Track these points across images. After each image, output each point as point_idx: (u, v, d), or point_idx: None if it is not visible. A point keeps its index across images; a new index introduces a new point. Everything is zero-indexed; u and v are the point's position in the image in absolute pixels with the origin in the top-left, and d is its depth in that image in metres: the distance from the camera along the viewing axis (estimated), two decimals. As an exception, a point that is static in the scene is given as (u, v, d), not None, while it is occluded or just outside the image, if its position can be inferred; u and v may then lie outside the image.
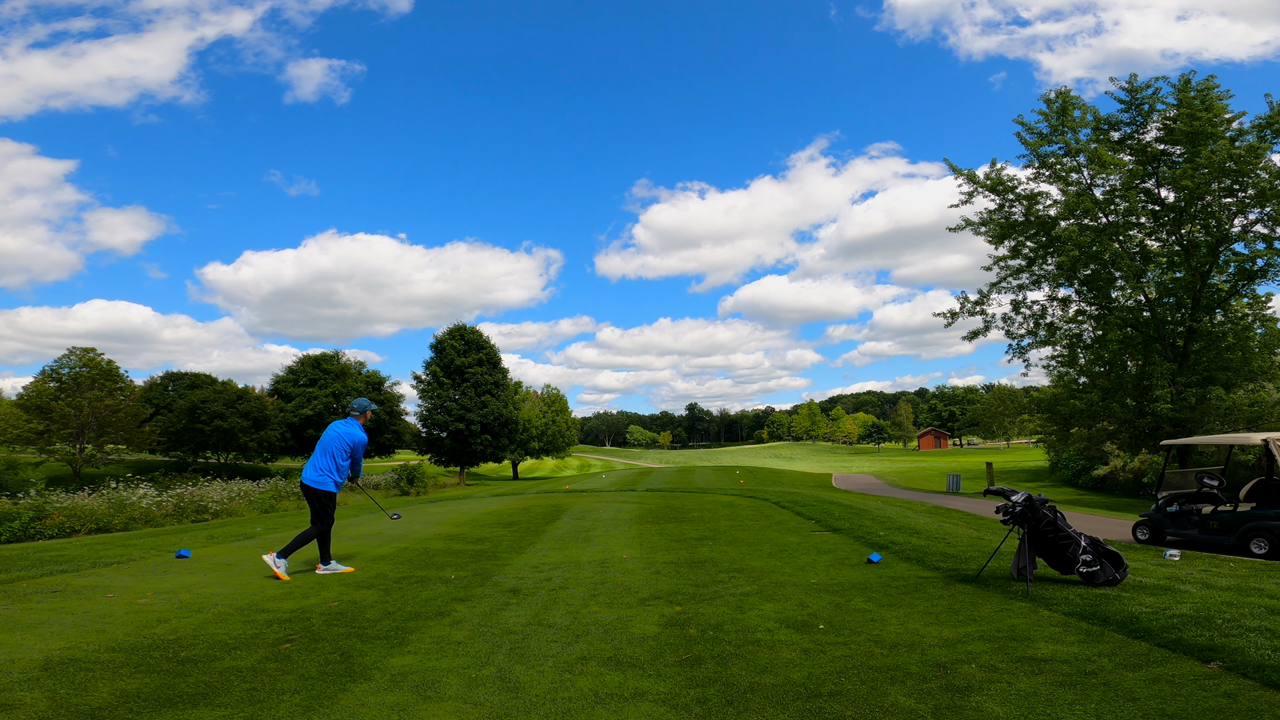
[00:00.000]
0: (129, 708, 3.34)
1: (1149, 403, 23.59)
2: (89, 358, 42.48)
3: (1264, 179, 21.39)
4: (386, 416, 53.48)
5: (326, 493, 6.96)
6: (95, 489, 21.12)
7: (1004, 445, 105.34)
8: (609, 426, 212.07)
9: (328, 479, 6.96)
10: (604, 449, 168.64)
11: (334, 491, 7.02)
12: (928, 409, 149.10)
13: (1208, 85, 22.53)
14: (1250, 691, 3.23)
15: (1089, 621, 4.57)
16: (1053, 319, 26.81)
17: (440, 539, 9.48)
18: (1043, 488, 32.85)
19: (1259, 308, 24.34)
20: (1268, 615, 4.51)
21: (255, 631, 4.73)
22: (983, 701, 3.26)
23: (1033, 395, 31.04)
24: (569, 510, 14.15)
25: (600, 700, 3.44)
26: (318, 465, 6.99)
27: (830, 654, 4.08)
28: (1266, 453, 10.40)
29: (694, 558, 7.75)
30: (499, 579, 6.63)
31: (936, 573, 6.50)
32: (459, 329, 55.93)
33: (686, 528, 10.69)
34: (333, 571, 6.95)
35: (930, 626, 4.61)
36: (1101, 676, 3.52)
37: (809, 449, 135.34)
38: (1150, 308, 24.80)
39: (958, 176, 26.41)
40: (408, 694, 3.55)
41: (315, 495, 6.93)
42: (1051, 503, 6.03)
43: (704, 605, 5.40)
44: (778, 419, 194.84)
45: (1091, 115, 24.55)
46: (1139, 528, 11.90)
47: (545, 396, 72.99)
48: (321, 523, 6.93)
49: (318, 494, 6.93)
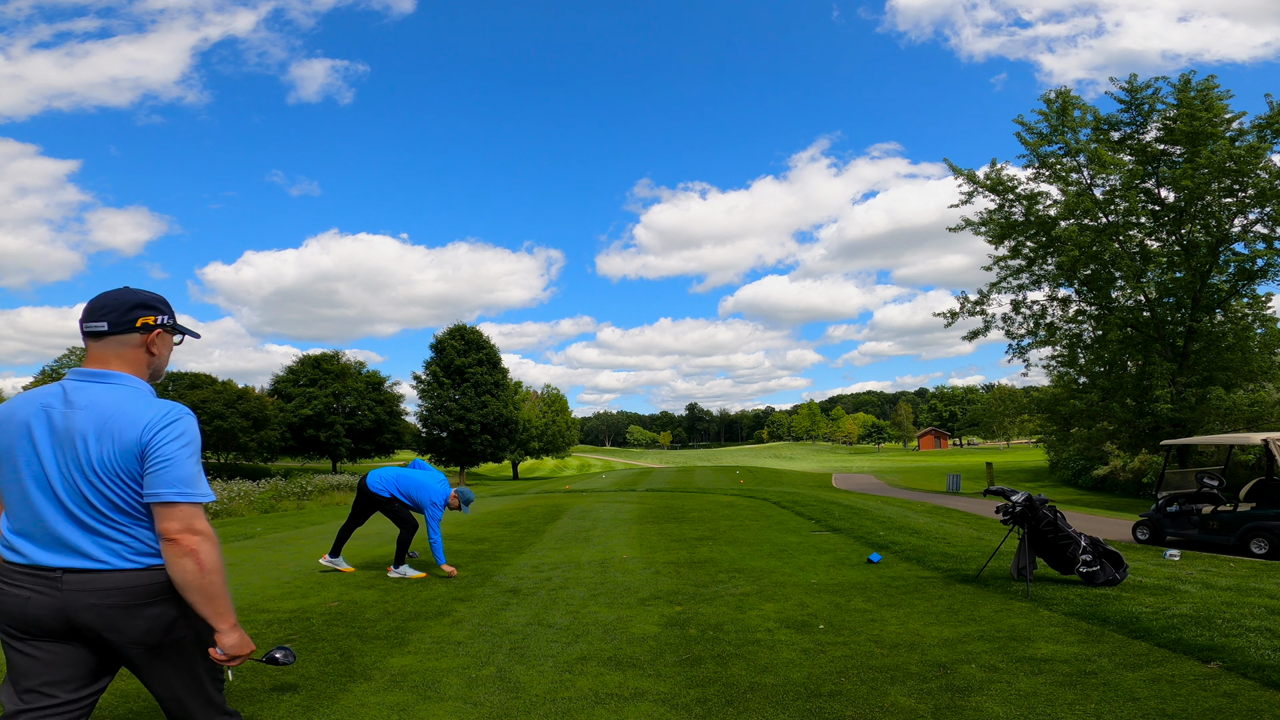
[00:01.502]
0: (129, 708, 3.34)
1: (1149, 403, 23.58)
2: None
3: (1264, 179, 21.40)
4: (386, 417, 53.50)
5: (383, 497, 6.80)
6: (95, 489, 21.12)
7: (1004, 445, 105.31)
8: (609, 426, 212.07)
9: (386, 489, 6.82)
10: (604, 449, 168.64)
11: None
12: (928, 409, 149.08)
13: (1208, 85, 22.53)
14: (1250, 691, 3.23)
15: (1089, 621, 4.57)
16: (1053, 319, 26.83)
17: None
18: (1043, 488, 32.84)
19: (1259, 308, 24.35)
20: (1268, 615, 4.51)
21: (255, 631, 4.73)
22: (983, 701, 3.26)
23: (1033, 395, 31.03)
24: (569, 510, 14.15)
25: (600, 700, 3.44)
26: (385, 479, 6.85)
27: (830, 654, 4.07)
28: (1266, 453, 10.40)
29: (694, 558, 7.75)
30: (499, 579, 6.63)
31: (936, 573, 6.49)
32: (459, 329, 55.95)
33: (686, 528, 10.69)
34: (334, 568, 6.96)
35: (930, 626, 4.61)
36: (1101, 676, 3.52)
37: (809, 449, 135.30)
38: (1150, 308, 24.80)
39: (958, 177, 26.43)
40: (408, 694, 3.54)
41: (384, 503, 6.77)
42: (1051, 503, 6.03)
43: (704, 605, 5.40)
44: (778, 419, 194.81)
45: (1091, 115, 24.56)
46: (1139, 528, 11.89)
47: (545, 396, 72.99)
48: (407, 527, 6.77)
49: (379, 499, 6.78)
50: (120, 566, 1.87)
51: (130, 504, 1.88)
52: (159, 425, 1.87)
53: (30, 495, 1.87)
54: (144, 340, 1.99)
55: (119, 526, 1.87)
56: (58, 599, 1.83)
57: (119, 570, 1.86)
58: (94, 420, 1.86)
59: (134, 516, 1.89)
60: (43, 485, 1.86)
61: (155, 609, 1.89)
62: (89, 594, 1.84)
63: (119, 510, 1.87)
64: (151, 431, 1.86)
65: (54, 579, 1.84)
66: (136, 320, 1.97)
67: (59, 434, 1.86)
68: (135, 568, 1.88)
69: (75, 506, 1.85)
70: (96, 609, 1.84)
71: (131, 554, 1.88)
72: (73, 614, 1.84)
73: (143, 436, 1.85)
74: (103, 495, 1.85)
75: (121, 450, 1.85)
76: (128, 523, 1.88)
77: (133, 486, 1.87)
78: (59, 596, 1.83)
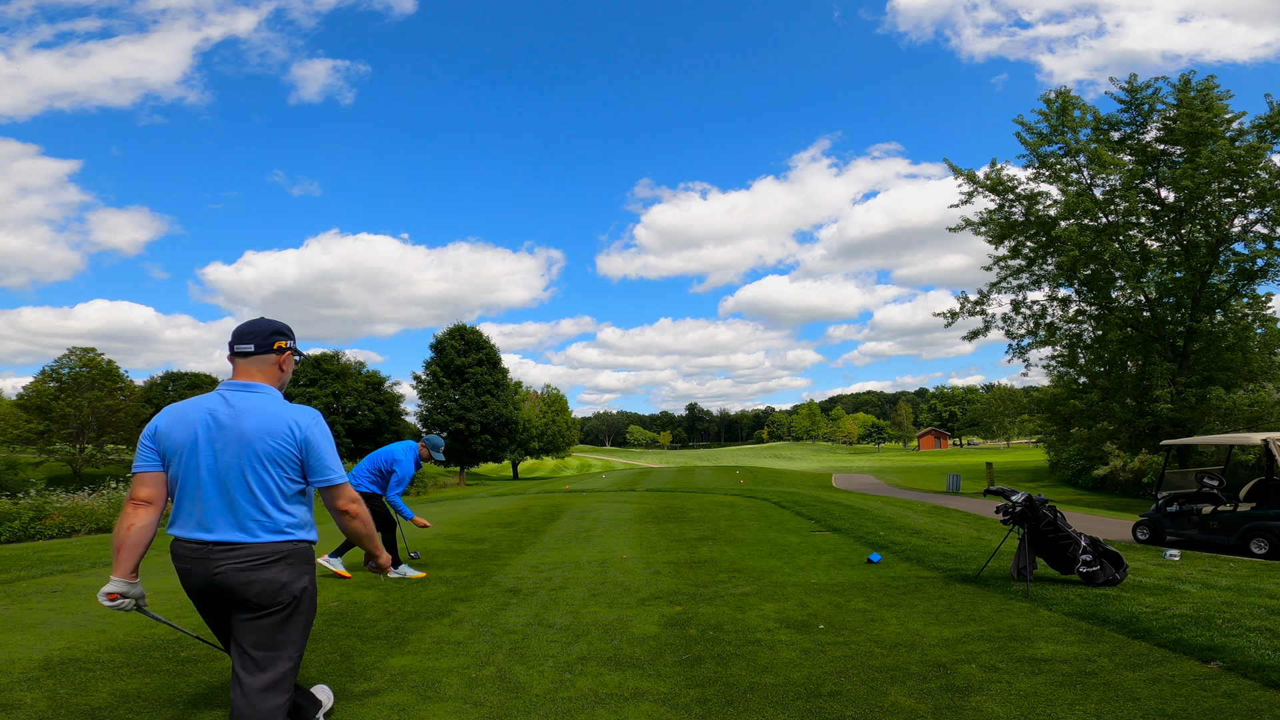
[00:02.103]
0: (129, 708, 3.34)
1: (1149, 403, 23.58)
2: (89, 358, 42.50)
3: (1264, 179, 21.38)
4: (386, 417, 53.48)
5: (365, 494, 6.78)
6: (95, 489, 21.07)
7: (1004, 445, 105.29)
8: (609, 426, 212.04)
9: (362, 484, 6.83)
10: (604, 449, 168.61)
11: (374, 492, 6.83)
12: (928, 409, 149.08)
13: (1207, 85, 22.52)
14: (1250, 691, 3.22)
15: (1089, 621, 4.56)
16: (1053, 319, 26.81)
17: (440, 539, 9.47)
18: (1043, 488, 32.83)
19: (1259, 308, 24.34)
20: (1268, 615, 4.51)
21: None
22: (983, 701, 3.26)
23: (1033, 395, 31.02)
24: (569, 510, 14.14)
25: (600, 700, 3.44)
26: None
27: (830, 654, 4.07)
28: (1266, 453, 10.40)
29: (694, 558, 7.75)
30: (499, 579, 6.63)
31: (936, 573, 6.49)
32: (459, 329, 55.94)
33: (686, 528, 10.69)
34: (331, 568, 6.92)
35: (930, 626, 4.61)
36: (1101, 676, 3.52)
37: (809, 449, 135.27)
38: (1150, 308, 24.79)
39: (958, 176, 26.42)
40: (408, 694, 3.54)
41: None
42: (1051, 503, 6.03)
43: (704, 605, 5.40)
44: (778, 419, 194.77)
45: (1091, 115, 24.55)
46: (1139, 528, 11.89)
47: (545, 396, 72.99)
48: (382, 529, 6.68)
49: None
50: (261, 540, 2.37)
51: (279, 489, 2.40)
52: (312, 424, 2.46)
53: (203, 482, 2.37)
54: (278, 359, 2.61)
55: (264, 510, 2.38)
56: (209, 567, 2.36)
57: (258, 543, 2.37)
58: (255, 420, 2.39)
59: (276, 502, 2.40)
60: (214, 473, 2.36)
61: (272, 571, 2.38)
62: (230, 561, 2.35)
63: (268, 494, 2.39)
64: (307, 429, 2.44)
65: (209, 549, 2.36)
66: (274, 344, 2.59)
67: (227, 431, 2.38)
68: (270, 540, 2.39)
69: (236, 491, 2.36)
70: (235, 571, 2.34)
71: (265, 531, 2.38)
72: (217, 576, 2.35)
73: (301, 433, 2.42)
74: (261, 480, 2.37)
75: (283, 443, 2.40)
76: (270, 507, 2.39)
77: (288, 472, 2.41)
78: (209, 564, 2.36)
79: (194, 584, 2.40)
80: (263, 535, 2.37)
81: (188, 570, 2.40)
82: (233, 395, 2.45)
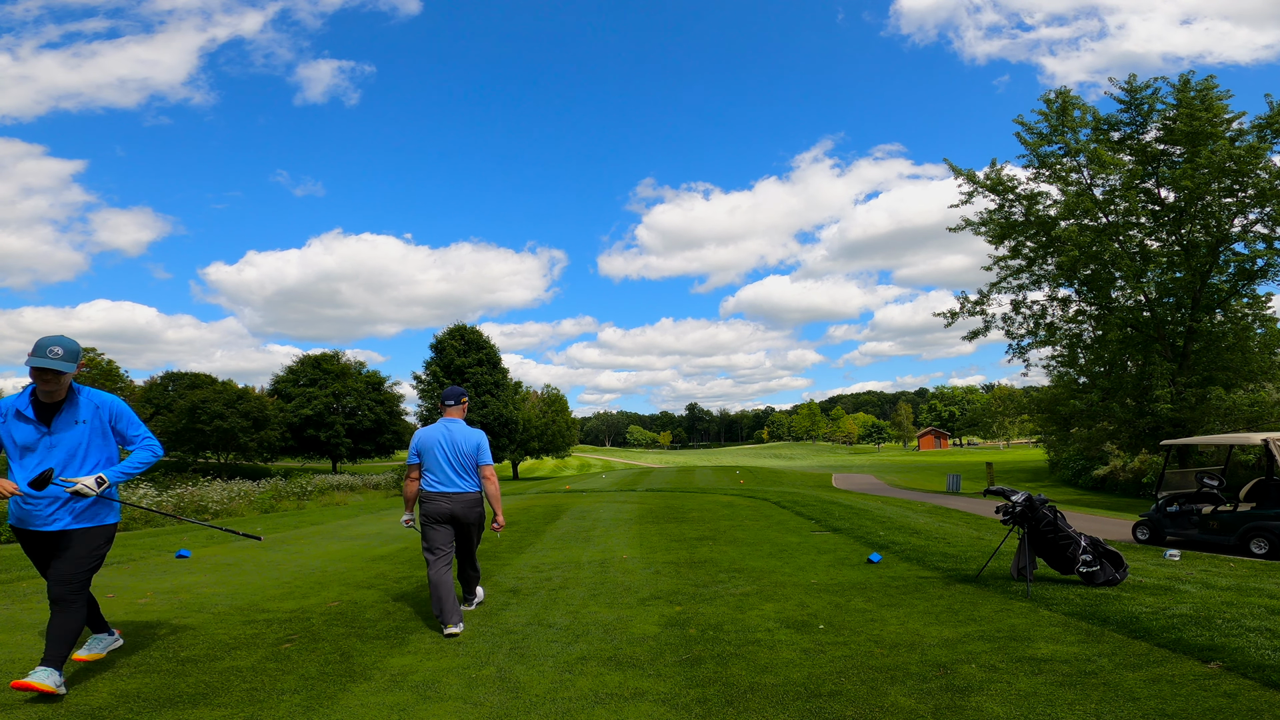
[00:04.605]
0: (129, 708, 3.34)
1: (1149, 403, 23.56)
2: (88, 358, 42.45)
3: (1264, 179, 21.38)
4: (386, 417, 53.48)
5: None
6: (95, 489, 21.11)
7: (1004, 445, 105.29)
8: (609, 426, 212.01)
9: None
10: (604, 449, 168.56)
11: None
12: (928, 409, 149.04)
13: (1207, 85, 22.52)
14: (1250, 691, 3.22)
15: (1089, 621, 4.56)
16: (1053, 319, 26.80)
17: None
18: (1043, 488, 32.84)
19: (1259, 308, 24.32)
20: (1268, 615, 4.50)
21: (255, 632, 4.74)
22: (983, 701, 3.26)
23: (1033, 395, 30.96)
24: (569, 510, 14.15)
25: (600, 700, 3.44)
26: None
27: (830, 654, 4.07)
28: (1266, 453, 10.40)
29: (694, 558, 7.75)
30: (499, 579, 6.63)
31: (936, 573, 6.49)
32: (459, 329, 55.88)
33: (686, 528, 10.69)
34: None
35: (930, 626, 4.61)
36: (1101, 676, 3.52)
37: (809, 449, 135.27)
38: (1150, 308, 24.79)
39: (958, 177, 26.41)
40: (408, 694, 3.55)
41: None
42: (1051, 503, 6.02)
43: (704, 605, 5.40)
44: (778, 419, 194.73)
45: (1091, 115, 24.54)
46: (1139, 528, 11.89)
47: (545, 396, 72.86)
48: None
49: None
50: (473, 490, 5.02)
51: (473, 467, 5.04)
52: (482, 439, 5.13)
53: (441, 463, 4.95)
54: (463, 407, 5.19)
55: (469, 475, 5.02)
56: (451, 504, 4.93)
57: (472, 492, 5.01)
58: (462, 437, 5.03)
59: (472, 472, 5.04)
60: (446, 459, 4.96)
61: (479, 509, 5.06)
62: (462, 502, 4.96)
63: (471, 469, 5.03)
64: (480, 441, 5.11)
65: (450, 496, 4.94)
66: (463, 399, 5.21)
67: (454, 440, 5.00)
68: (476, 490, 5.03)
69: (458, 465, 4.98)
70: (464, 507, 4.97)
71: (472, 486, 5.02)
72: (455, 511, 4.95)
73: (479, 443, 5.09)
74: (464, 463, 5.00)
75: (472, 448, 5.04)
76: (472, 474, 5.03)
77: (476, 460, 5.04)
78: (452, 503, 4.94)
79: (440, 513, 4.93)
80: (471, 488, 5.02)
81: (438, 506, 4.93)
82: (451, 425, 5.08)
